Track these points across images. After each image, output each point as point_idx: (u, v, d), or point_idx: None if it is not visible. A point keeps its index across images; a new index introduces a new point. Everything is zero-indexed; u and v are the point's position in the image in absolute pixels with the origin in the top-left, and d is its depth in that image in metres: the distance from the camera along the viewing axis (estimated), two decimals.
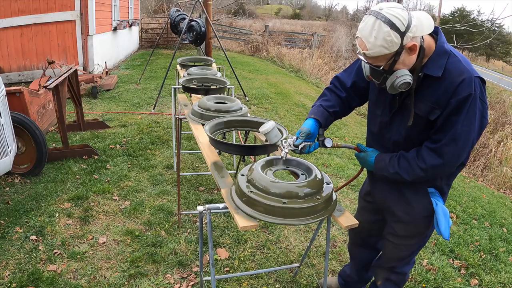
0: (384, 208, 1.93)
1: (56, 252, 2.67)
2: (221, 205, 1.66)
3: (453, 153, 1.53)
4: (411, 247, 1.93)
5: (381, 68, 1.49)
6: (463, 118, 1.48)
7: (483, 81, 1.52)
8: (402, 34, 1.39)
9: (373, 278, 2.23)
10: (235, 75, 6.98)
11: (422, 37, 1.49)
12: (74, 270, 2.52)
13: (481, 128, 1.54)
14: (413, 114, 1.58)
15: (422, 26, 1.46)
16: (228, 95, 3.44)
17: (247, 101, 7.04)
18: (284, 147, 1.69)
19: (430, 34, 1.54)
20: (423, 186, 1.74)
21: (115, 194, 3.51)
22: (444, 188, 1.80)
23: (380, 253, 2.18)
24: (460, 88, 1.46)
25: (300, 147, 1.69)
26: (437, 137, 1.55)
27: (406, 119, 1.62)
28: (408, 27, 1.40)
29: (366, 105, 1.93)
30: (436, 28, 1.53)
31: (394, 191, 1.82)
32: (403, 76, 1.47)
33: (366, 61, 1.51)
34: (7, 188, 3.51)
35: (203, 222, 2.49)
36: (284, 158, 1.69)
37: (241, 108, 2.49)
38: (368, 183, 2.04)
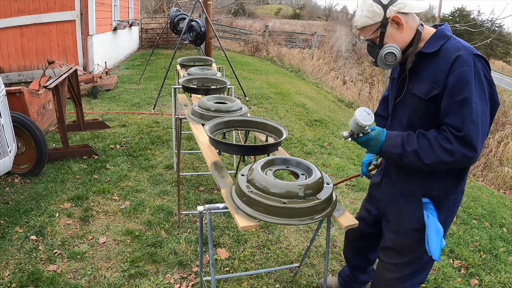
0: (382, 215, 1.85)
1: (56, 252, 2.67)
2: (221, 205, 1.66)
3: (477, 136, 1.39)
4: (401, 269, 1.72)
5: (369, 39, 1.56)
6: (474, 95, 1.39)
7: (485, 61, 1.46)
8: (385, 7, 1.49)
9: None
10: (235, 75, 6.98)
11: (422, 25, 1.54)
12: (74, 270, 2.52)
13: (493, 109, 1.45)
14: (413, 96, 1.56)
15: (412, 5, 1.49)
16: (228, 95, 3.43)
17: (247, 101, 7.04)
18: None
19: (435, 26, 1.59)
20: (417, 193, 1.63)
21: (115, 194, 3.51)
22: (442, 201, 1.62)
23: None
24: (456, 64, 1.41)
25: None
26: (453, 122, 1.42)
27: (407, 106, 1.60)
28: (392, 1, 1.48)
29: (365, 104, 1.95)
30: (444, 23, 1.56)
31: (394, 194, 1.73)
32: (388, 47, 1.52)
33: (360, 36, 1.63)
34: (7, 188, 3.51)
35: (203, 222, 2.49)
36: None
37: (241, 108, 2.49)
38: (373, 185, 1.95)
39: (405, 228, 1.68)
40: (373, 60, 1.63)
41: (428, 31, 1.55)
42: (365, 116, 1.54)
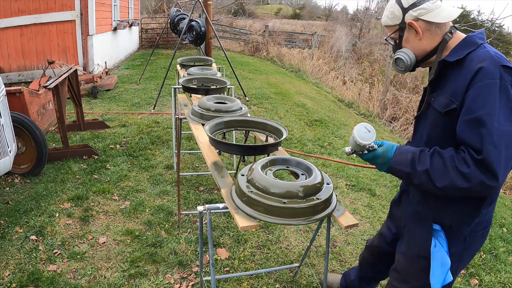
0: (399, 234, 1.74)
1: (56, 252, 2.67)
2: (221, 205, 1.66)
3: (498, 161, 1.20)
4: None
5: (391, 37, 1.51)
6: (496, 112, 1.21)
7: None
8: (405, 10, 1.41)
9: None
10: (235, 75, 6.98)
11: (451, 32, 1.40)
12: (74, 270, 2.52)
13: None
14: (433, 109, 1.43)
15: (437, 13, 1.37)
16: (228, 95, 3.43)
17: (247, 101, 7.04)
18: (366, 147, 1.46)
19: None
20: (430, 218, 1.48)
21: (115, 194, 3.51)
22: (455, 232, 1.45)
23: None
24: (478, 77, 1.25)
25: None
26: (472, 142, 1.25)
27: (427, 120, 1.48)
28: (413, 6, 1.39)
29: (365, 104, 1.94)
30: (479, 30, 1.43)
31: (409, 214, 1.61)
32: (399, 52, 1.46)
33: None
34: (7, 188, 3.51)
35: (203, 222, 2.49)
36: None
37: (241, 108, 2.49)
38: (393, 202, 1.84)
39: (413, 254, 1.56)
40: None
41: (458, 38, 1.42)
42: (364, 134, 1.42)
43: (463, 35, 1.43)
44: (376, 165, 1.47)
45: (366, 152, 1.46)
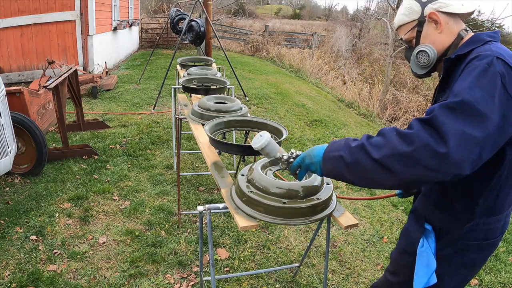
0: None
1: (56, 252, 2.68)
2: (221, 205, 1.66)
3: (452, 127, 1.03)
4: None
5: (405, 39, 1.43)
6: (473, 92, 1.07)
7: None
8: (424, 4, 1.36)
9: None
10: (235, 75, 6.98)
11: (466, 30, 1.36)
12: (74, 270, 2.52)
13: (502, 132, 1.07)
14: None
15: (456, 6, 1.33)
16: (228, 95, 3.43)
17: (247, 101, 7.04)
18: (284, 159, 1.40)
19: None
20: (422, 215, 1.42)
21: (115, 194, 3.51)
22: (443, 236, 1.36)
23: None
24: (470, 63, 1.17)
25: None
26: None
27: None
28: None
29: (365, 104, 1.92)
30: (494, 31, 1.35)
31: (413, 208, 1.53)
32: (421, 46, 1.37)
33: (398, 37, 1.48)
34: (7, 188, 3.51)
35: (203, 222, 2.49)
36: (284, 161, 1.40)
37: (241, 108, 2.49)
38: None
39: (401, 247, 1.52)
40: (410, 64, 1.46)
41: (469, 36, 1.36)
42: (256, 139, 1.39)
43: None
44: (310, 170, 1.31)
45: (291, 160, 1.37)
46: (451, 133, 1.02)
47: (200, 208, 1.66)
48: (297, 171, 1.37)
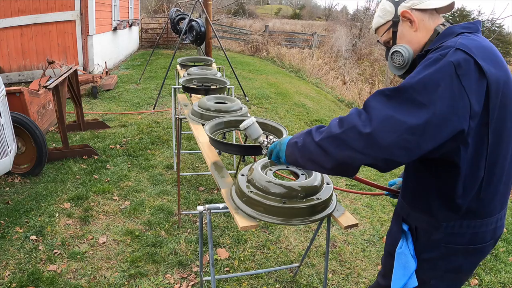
0: None
1: (56, 252, 2.68)
2: (221, 205, 1.66)
3: (382, 111, 1.05)
4: None
5: (383, 41, 1.42)
6: (420, 71, 1.08)
7: (473, 60, 1.07)
8: (396, 4, 1.33)
9: None
10: (235, 75, 6.98)
11: (444, 25, 1.31)
12: (74, 270, 2.52)
13: (453, 106, 1.03)
14: None
15: (429, 2, 1.29)
16: (228, 95, 3.43)
17: (247, 101, 7.04)
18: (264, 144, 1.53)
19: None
20: (400, 215, 1.39)
21: (115, 194, 3.51)
22: (422, 236, 1.31)
23: None
24: (427, 55, 1.15)
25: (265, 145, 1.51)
26: None
27: None
28: None
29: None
30: (473, 22, 1.29)
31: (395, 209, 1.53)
32: (395, 46, 1.35)
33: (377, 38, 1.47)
34: (7, 188, 3.51)
35: (203, 222, 2.49)
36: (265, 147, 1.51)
37: (241, 108, 2.49)
38: None
39: (386, 250, 1.49)
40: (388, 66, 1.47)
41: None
42: (244, 121, 1.56)
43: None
44: (278, 155, 1.39)
45: (268, 145, 1.48)
46: (378, 115, 1.05)
47: (200, 208, 1.66)
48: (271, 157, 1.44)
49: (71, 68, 4.53)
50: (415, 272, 1.32)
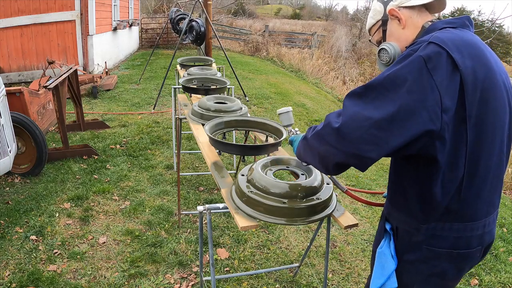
0: None
1: (56, 252, 2.68)
2: (221, 205, 1.66)
3: (352, 108, 1.10)
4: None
5: (375, 41, 1.44)
6: (390, 67, 1.11)
7: (446, 52, 1.06)
8: (385, 3, 1.36)
9: None
10: (235, 75, 6.98)
11: (432, 21, 1.29)
12: (74, 270, 2.52)
13: (422, 100, 1.03)
14: None
15: None
16: (228, 95, 3.43)
17: (247, 101, 7.04)
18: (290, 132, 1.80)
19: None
20: (384, 215, 1.38)
21: (115, 194, 3.51)
22: (403, 235, 1.28)
23: None
24: (403, 52, 1.15)
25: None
26: None
27: None
28: None
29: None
30: (459, 17, 1.27)
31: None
32: (382, 44, 1.37)
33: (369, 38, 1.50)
34: (7, 188, 3.51)
35: (203, 222, 2.49)
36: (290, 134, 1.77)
37: (241, 108, 2.49)
38: None
39: (372, 249, 1.46)
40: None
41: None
42: (283, 108, 1.82)
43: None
44: (295, 146, 1.54)
45: (292, 135, 1.68)
46: (346, 112, 1.11)
47: (200, 208, 1.66)
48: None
49: (71, 68, 4.53)
50: (399, 275, 1.29)
